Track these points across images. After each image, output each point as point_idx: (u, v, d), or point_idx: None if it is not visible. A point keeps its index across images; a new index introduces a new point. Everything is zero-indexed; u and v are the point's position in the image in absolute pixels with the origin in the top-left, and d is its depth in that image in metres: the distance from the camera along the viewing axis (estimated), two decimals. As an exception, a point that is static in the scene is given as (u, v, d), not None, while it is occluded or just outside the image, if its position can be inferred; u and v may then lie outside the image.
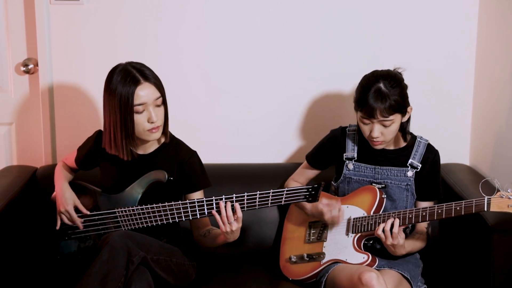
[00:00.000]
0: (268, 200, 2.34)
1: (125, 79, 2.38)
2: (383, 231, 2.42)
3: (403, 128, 2.55)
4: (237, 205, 2.33)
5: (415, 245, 2.55)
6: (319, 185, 2.32)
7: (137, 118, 2.39)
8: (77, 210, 2.52)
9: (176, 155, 2.54)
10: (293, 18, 2.99)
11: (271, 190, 2.33)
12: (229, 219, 2.33)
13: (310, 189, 2.33)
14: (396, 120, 2.45)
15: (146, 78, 2.40)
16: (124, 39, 3.00)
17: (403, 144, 2.60)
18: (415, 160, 2.57)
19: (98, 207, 2.52)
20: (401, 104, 2.44)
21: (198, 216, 2.38)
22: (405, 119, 2.51)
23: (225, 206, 2.33)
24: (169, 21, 2.99)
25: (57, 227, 2.53)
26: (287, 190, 2.33)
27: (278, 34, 3.00)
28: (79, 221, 2.50)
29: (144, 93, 2.39)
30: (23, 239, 2.75)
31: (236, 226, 2.34)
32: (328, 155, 2.69)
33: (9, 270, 2.62)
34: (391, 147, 2.60)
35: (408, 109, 2.50)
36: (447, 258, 2.76)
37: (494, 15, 2.85)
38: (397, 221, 2.42)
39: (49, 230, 2.57)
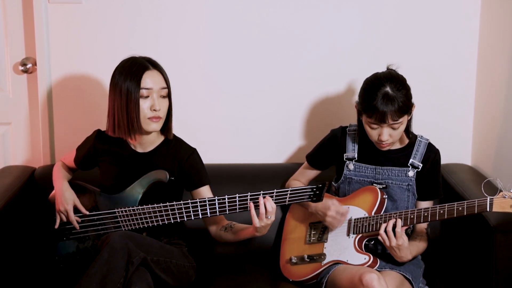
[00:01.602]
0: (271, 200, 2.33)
1: (134, 65, 2.43)
2: (385, 231, 2.40)
3: (407, 126, 2.54)
4: (268, 198, 2.32)
5: (419, 247, 2.54)
6: (323, 184, 2.32)
7: (140, 103, 2.40)
8: (76, 210, 2.50)
9: (176, 153, 2.53)
10: (294, 17, 2.98)
11: (275, 190, 2.33)
12: (268, 214, 2.32)
13: (314, 189, 2.32)
14: (404, 121, 2.45)
15: (155, 66, 2.45)
16: (123, 38, 2.99)
17: (406, 141, 2.59)
18: (416, 159, 2.56)
19: (98, 207, 2.51)
20: (408, 105, 2.44)
21: (209, 215, 2.38)
22: (409, 117, 2.51)
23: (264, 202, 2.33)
24: (169, 21, 2.98)
25: (56, 226, 2.51)
26: (291, 190, 2.32)
27: (278, 34, 2.99)
28: (76, 222, 2.48)
29: (151, 79, 2.42)
30: (22, 239, 2.74)
31: (272, 219, 2.34)
32: (329, 155, 2.68)
33: (8, 270, 2.60)
34: (394, 147, 2.59)
35: (412, 108, 2.50)
36: (448, 259, 2.76)
37: (496, 13, 2.84)
38: (399, 221, 2.40)
39: (47, 231, 2.55)
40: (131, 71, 2.41)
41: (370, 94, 2.43)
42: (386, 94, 2.40)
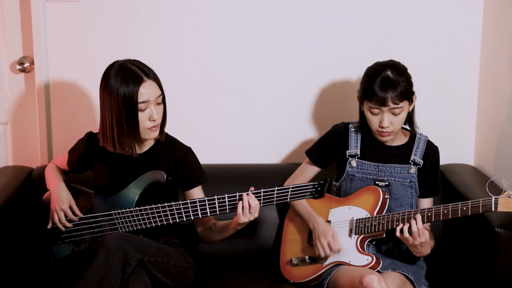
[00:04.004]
0: (273, 197, 2.32)
1: (128, 77, 2.35)
2: (409, 231, 2.38)
3: (411, 118, 2.57)
4: (251, 195, 2.32)
5: (431, 244, 2.53)
6: (325, 181, 2.30)
7: (139, 116, 2.37)
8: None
9: (171, 153, 2.51)
10: (293, 17, 2.96)
11: (276, 188, 2.31)
12: (252, 210, 2.31)
13: (316, 185, 2.31)
14: (405, 107, 2.47)
15: (148, 76, 2.38)
16: (122, 37, 2.97)
17: (407, 136, 2.60)
18: (416, 156, 2.57)
19: (93, 210, 2.48)
20: (409, 90, 2.46)
21: (209, 214, 2.36)
22: (411, 108, 2.53)
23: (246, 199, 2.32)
24: (167, 18, 2.97)
25: (49, 227, 2.48)
26: (292, 187, 2.30)
27: (277, 34, 2.97)
28: (74, 217, 2.45)
29: (147, 90, 2.37)
30: (19, 241, 2.72)
31: (255, 215, 2.32)
32: (330, 151, 2.66)
33: (5, 273, 2.59)
34: (395, 143, 2.58)
35: (413, 97, 2.51)
36: (451, 260, 2.74)
37: (499, 10, 2.83)
38: (419, 217, 2.38)
39: (42, 234, 2.53)
40: (126, 85, 2.34)
41: (371, 79, 2.46)
42: (387, 77, 2.44)
